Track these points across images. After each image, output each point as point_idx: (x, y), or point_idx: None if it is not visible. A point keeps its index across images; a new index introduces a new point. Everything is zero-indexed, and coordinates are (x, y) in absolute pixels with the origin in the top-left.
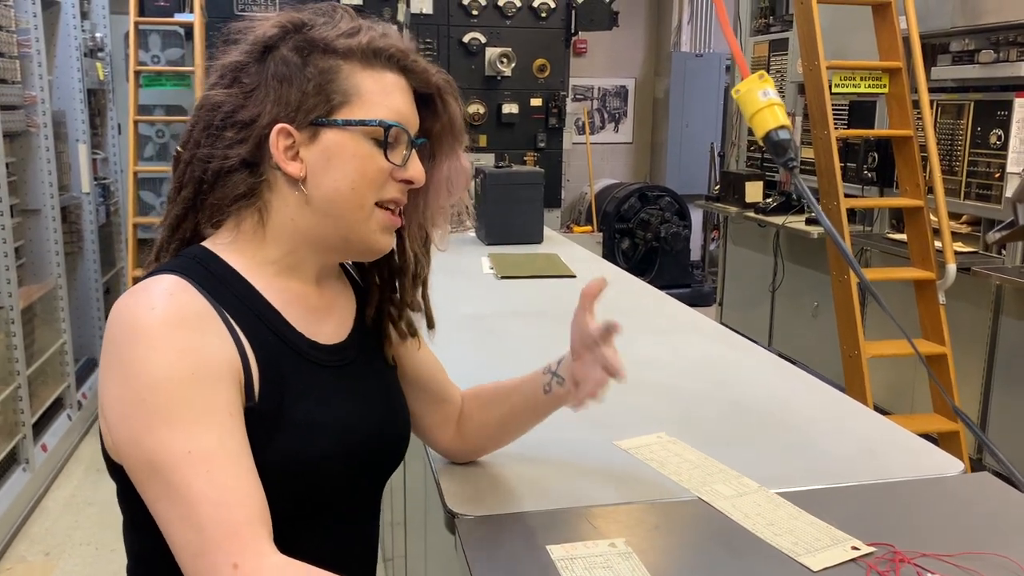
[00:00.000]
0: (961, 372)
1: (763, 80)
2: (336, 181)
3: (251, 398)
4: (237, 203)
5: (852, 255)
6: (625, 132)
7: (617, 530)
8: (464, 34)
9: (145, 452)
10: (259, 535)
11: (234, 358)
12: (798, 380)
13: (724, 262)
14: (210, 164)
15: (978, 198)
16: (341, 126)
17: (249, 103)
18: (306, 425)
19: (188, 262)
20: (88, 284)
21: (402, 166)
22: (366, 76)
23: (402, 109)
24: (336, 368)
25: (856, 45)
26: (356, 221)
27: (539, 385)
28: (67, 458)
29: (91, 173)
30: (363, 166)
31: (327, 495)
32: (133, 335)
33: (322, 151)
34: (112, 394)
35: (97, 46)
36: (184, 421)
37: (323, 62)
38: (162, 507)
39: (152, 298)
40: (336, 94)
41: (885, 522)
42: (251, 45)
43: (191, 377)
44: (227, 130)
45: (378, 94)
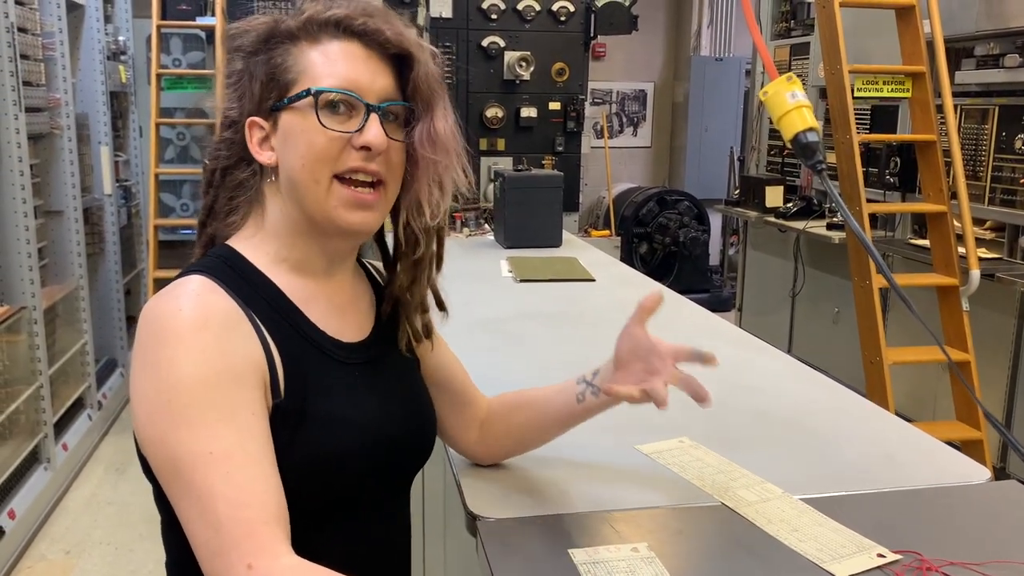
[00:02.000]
0: (985, 380)
1: (791, 82)
2: (291, 159)
3: (276, 395)
4: (240, 197)
5: (880, 258)
6: (644, 136)
7: (640, 534)
8: (483, 38)
9: (169, 451)
10: (275, 536)
11: (259, 358)
12: (820, 385)
13: (744, 267)
14: (217, 164)
15: (1003, 204)
16: (287, 105)
17: (232, 102)
18: (329, 422)
19: (215, 262)
20: (109, 285)
21: (353, 132)
22: (313, 51)
23: (350, 75)
24: (359, 365)
25: (879, 49)
26: (315, 198)
27: (572, 395)
28: (87, 457)
29: (113, 175)
30: (311, 139)
31: (352, 492)
32: (161, 336)
33: (280, 135)
34: (140, 394)
35: (120, 49)
36: (207, 422)
37: (277, 50)
38: (183, 505)
39: (179, 300)
40: (286, 75)
41: (911, 530)
42: (236, 51)
43: (216, 378)
44: (226, 130)
45: (322, 65)
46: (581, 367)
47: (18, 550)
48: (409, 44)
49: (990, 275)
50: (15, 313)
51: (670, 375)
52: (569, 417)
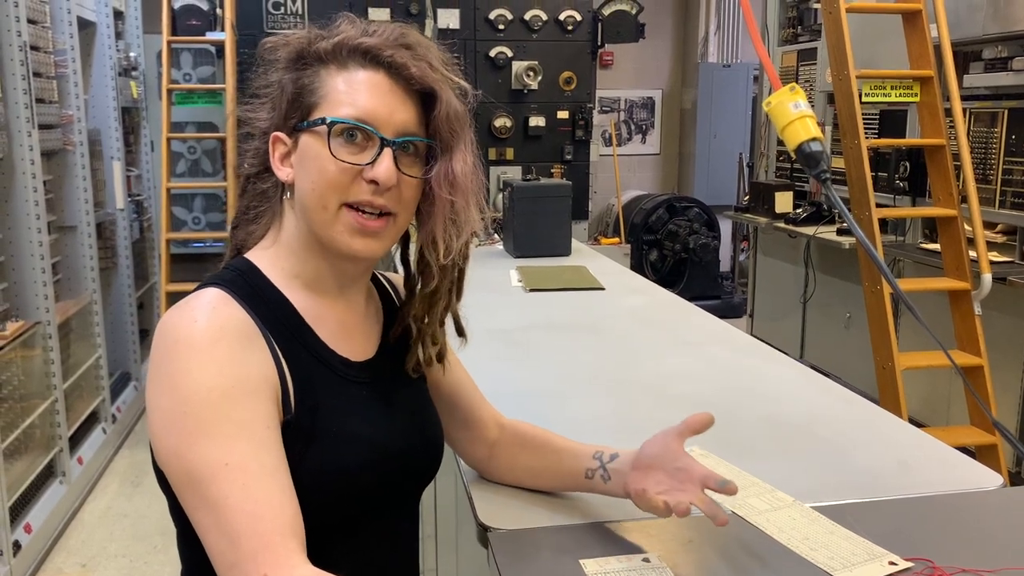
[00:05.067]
0: (998, 383)
1: (794, 92)
2: (304, 182)
3: (287, 412)
4: (262, 208)
5: (885, 265)
6: (652, 143)
7: (651, 544)
8: (491, 48)
9: (185, 463)
10: (291, 548)
11: (272, 373)
12: (831, 392)
13: (754, 273)
14: (247, 171)
15: (1013, 207)
16: (306, 128)
17: (260, 113)
18: (336, 440)
19: (232, 275)
20: (122, 299)
21: (364, 164)
22: (338, 77)
23: (369, 106)
24: (366, 384)
25: (886, 54)
26: (322, 222)
27: (582, 466)
28: (102, 471)
29: (125, 190)
30: (322, 165)
31: (357, 508)
32: (176, 348)
33: (299, 155)
34: (156, 405)
35: (131, 65)
36: (223, 434)
37: (307, 70)
38: (199, 517)
39: (195, 312)
40: (309, 99)
41: (923, 537)
42: (269, 64)
43: (231, 390)
44: (253, 141)
45: (344, 93)
46: (591, 377)
47: (34, 564)
48: (432, 81)
49: (1002, 279)
50: (30, 328)
51: (697, 499)
52: (573, 484)
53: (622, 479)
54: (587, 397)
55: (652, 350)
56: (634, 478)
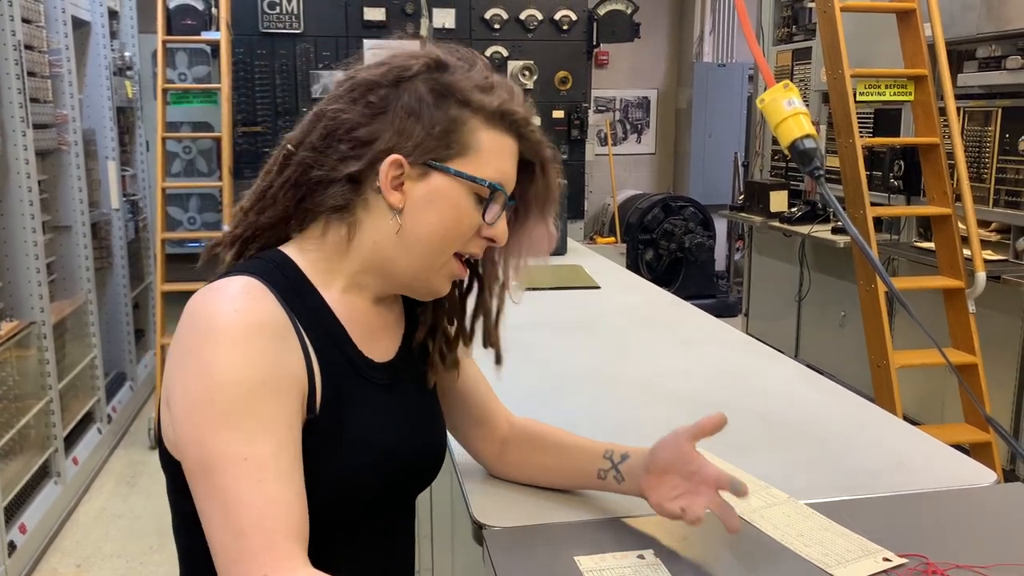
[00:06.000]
0: (993, 382)
1: (788, 89)
2: (432, 223)
3: (312, 410)
4: (330, 212)
5: (880, 264)
6: (648, 143)
7: (645, 541)
8: (486, 48)
9: (204, 450)
10: (294, 551)
11: (301, 371)
12: (826, 390)
13: (749, 272)
14: (316, 171)
15: (1007, 205)
16: (452, 175)
17: (372, 124)
18: (359, 441)
19: (268, 266)
20: (117, 299)
21: (491, 224)
22: (487, 134)
23: (508, 172)
24: (385, 386)
25: (880, 53)
26: (433, 264)
27: (594, 467)
28: (97, 471)
29: (120, 189)
30: (459, 217)
31: (362, 508)
32: (213, 334)
33: (427, 191)
34: (182, 389)
35: (126, 65)
36: (246, 428)
37: (454, 110)
38: (208, 507)
39: (235, 301)
40: (456, 144)
41: (917, 533)
42: (387, 69)
43: (261, 386)
44: (342, 143)
45: (493, 154)
46: (586, 375)
47: (29, 564)
48: (550, 158)
49: (996, 277)
50: (24, 328)
51: (712, 501)
52: (585, 483)
53: (636, 481)
54: (583, 395)
55: (648, 348)
56: (648, 483)
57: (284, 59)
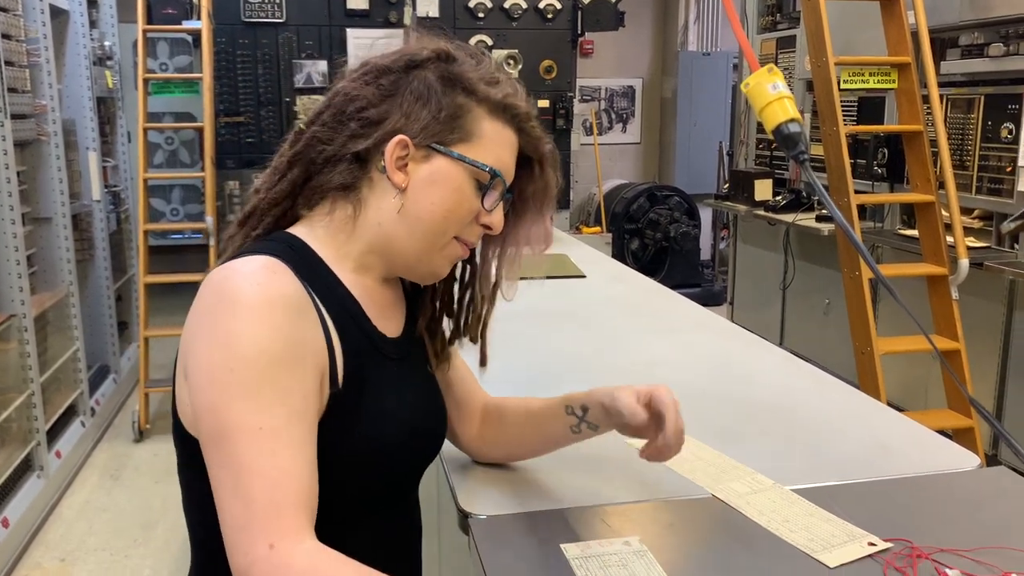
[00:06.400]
0: (975, 368)
1: (772, 73)
2: (433, 204)
3: (334, 385)
4: (336, 191)
5: (865, 248)
6: (633, 132)
7: (631, 528)
8: (470, 37)
9: (221, 419)
10: (301, 521)
11: (320, 346)
12: (811, 377)
13: (734, 261)
14: (326, 148)
15: (990, 192)
16: (455, 158)
17: (381, 105)
18: (380, 414)
19: (281, 247)
20: (100, 291)
21: (490, 212)
22: (490, 124)
23: (507, 164)
24: (397, 361)
25: (864, 41)
26: (434, 246)
27: (565, 424)
28: (81, 464)
29: (101, 181)
30: (460, 200)
31: (383, 481)
32: (234, 306)
33: (430, 173)
34: (202, 358)
35: (106, 54)
36: (264, 398)
37: (460, 98)
38: (221, 475)
39: (257, 275)
40: (460, 129)
41: (901, 518)
42: (399, 55)
43: (280, 358)
44: (352, 122)
45: (494, 143)
46: (572, 364)
47: (13, 558)
48: (548, 155)
49: (979, 264)
50: (5, 321)
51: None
52: (564, 441)
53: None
54: (569, 384)
55: (633, 337)
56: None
57: (266, 48)
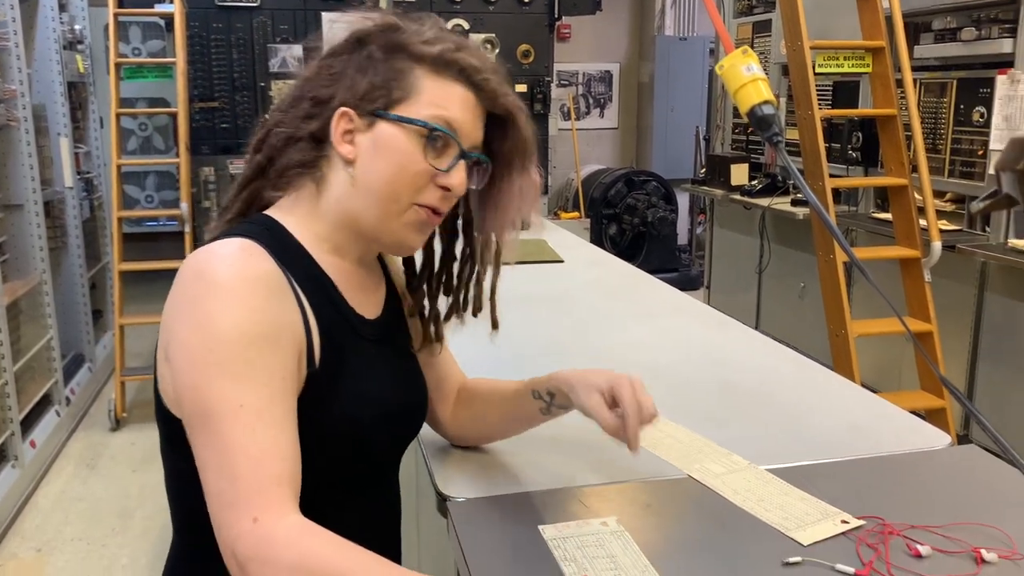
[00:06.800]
0: (947, 349)
1: (746, 55)
2: (379, 171)
3: (312, 364)
4: (298, 169)
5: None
6: (610, 117)
7: (609, 509)
8: (447, 20)
9: (202, 399)
10: (285, 496)
11: (298, 326)
12: (786, 359)
13: (711, 245)
14: (283, 129)
15: (962, 176)
16: (393, 120)
17: (331, 86)
18: (355, 393)
19: (257, 229)
20: (73, 279)
21: (444, 171)
22: (432, 82)
23: (458, 118)
24: (375, 342)
25: (839, 25)
26: (390, 213)
27: (534, 407)
28: (56, 454)
29: (74, 167)
30: (405, 162)
31: (364, 461)
32: (213, 287)
33: (373, 140)
34: (182, 340)
35: (76, 38)
36: (244, 377)
37: (399, 62)
38: (205, 454)
39: (233, 257)
40: (398, 91)
41: (874, 496)
42: (348, 35)
43: (258, 337)
44: (305, 102)
45: (438, 100)
46: (551, 348)
47: None
48: (514, 108)
49: (951, 246)
50: None
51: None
52: (535, 422)
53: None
54: (548, 368)
55: (611, 321)
56: None
57: (241, 33)
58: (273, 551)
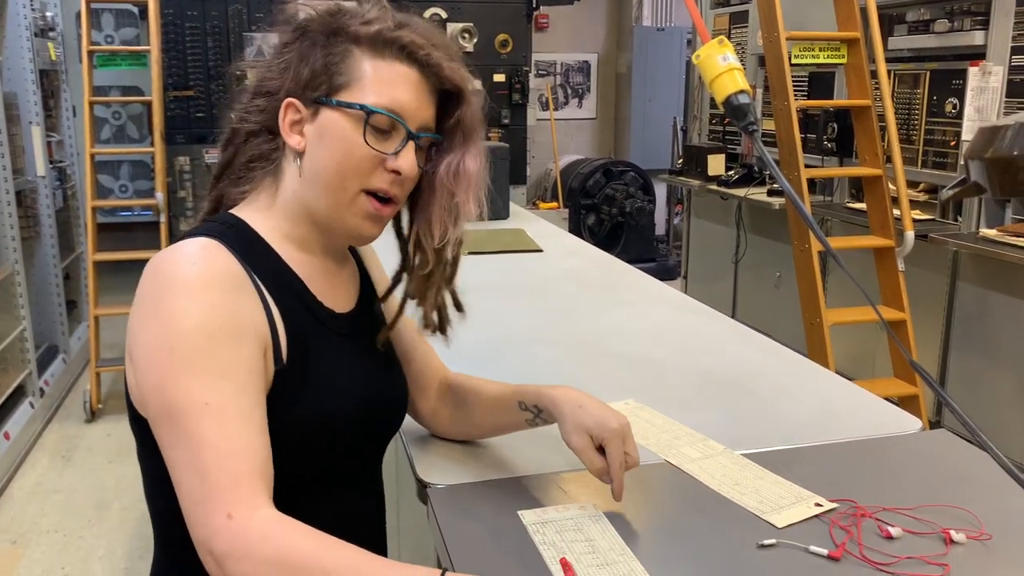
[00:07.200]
0: (920, 337)
1: (723, 45)
2: (324, 159)
3: (279, 361)
4: (256, 163)
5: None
6: (589, 107)
7: (587, 494)
8: (425, 9)
9: (167, 398)
10: (257, 489)
11: (261, 322)
12: (761, 347)
13: (688, 235)
14: (242, 127)
15: (935, 166)
16: (335, 106)
17: (280, 78)
18: (327, 388)
19: (222, 227)
20: (47, 269)
21: (389, 154)
22: (372, 64)
23: (402, 99)
24: (347, 336)
25: (815, 16)
26: (339, 203)
27: (519, 418)
28: (31, 446)
29: (46, 156)
30: (349, 148)
31: (343, 456)
32: (172, 287)
33: (317, 128)
34: (143, 341)
35: (48, 26)
36: (207, 373)
37: (337, 46)
38: (174, 453)
39: (191, 256)
40: (339, 76)
41: (847, 479)
42: (294, 26)
43: (219, 333)
44: (258, 98)
45: (379, 82)
46: (529, 336)
47: None
48: (462, 82)
49: (924, 236)
50: None
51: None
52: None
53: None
54: (526, 356)
55: (589, 310)
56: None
57: (216, 21)
58: (249, 545)
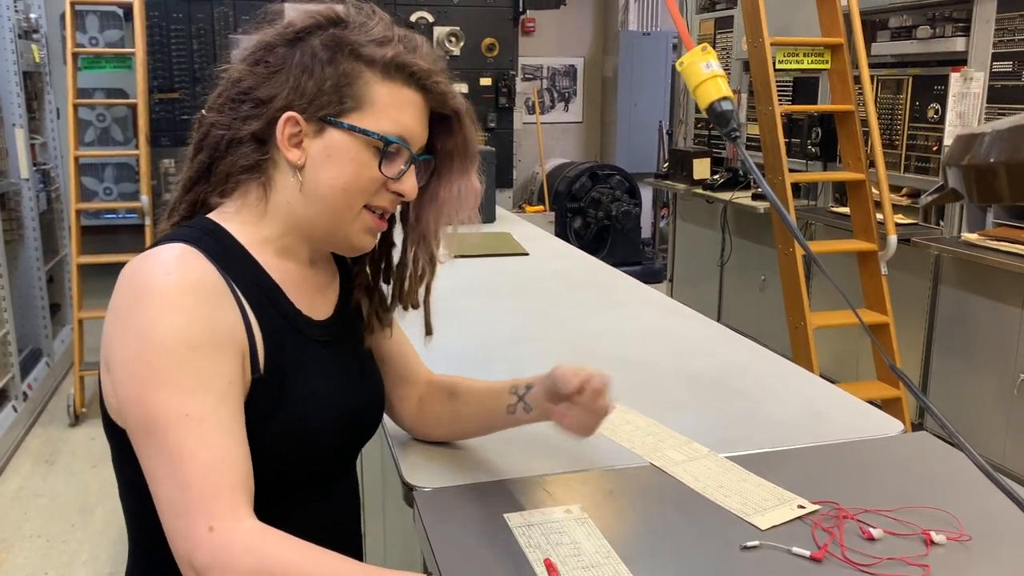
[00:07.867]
0: (903, 340)
1: (706, 52)
2: (331, 178)
3: (256, 370)
4: (243, 174)
5: (796, 227)
6: (575, 111)
7: (572, 497)
8: (411, 13)
9: (146, 410)
10: (238, 500)
11: (239, 330)
12: (746, 350)
13: (674, 239)
14: (225, 133)
15: (917, 171)
16: (346, 129)
17: (270, 83)
18: (305, 397)
19: (199, 233)
20: (30, 272)
21: (396, 179)
22: (383, 88)
23: (410, 125)
24: (325, 343)
25: (799, 22)
26: (343, 219)
27: (503, 403)
28: (14, 450)
29: (29, 158)
30: (358, 171)
31: (320, 463)
32: (147, 297)
33: (324, 147)
34: (120, 353)
35: (32, 27)
36: (185, 385)
37: (347, 64)
38: (153, 465)
39: (167, 264)
40: (350, 98)
41: (830, 481)
42: (284, 28)
43: (197, 343)
44: (244, 104)
45: (390, 107)
46: (516, 338)
47: None
48: (460, 107)
49: (906, 240)
50: None
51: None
52: (498, 423)
53: (541, 408)
54: (513, 358)
55: (575, 313)
56: (552, 410)
57: (201, 23)
58: (232, 558)
